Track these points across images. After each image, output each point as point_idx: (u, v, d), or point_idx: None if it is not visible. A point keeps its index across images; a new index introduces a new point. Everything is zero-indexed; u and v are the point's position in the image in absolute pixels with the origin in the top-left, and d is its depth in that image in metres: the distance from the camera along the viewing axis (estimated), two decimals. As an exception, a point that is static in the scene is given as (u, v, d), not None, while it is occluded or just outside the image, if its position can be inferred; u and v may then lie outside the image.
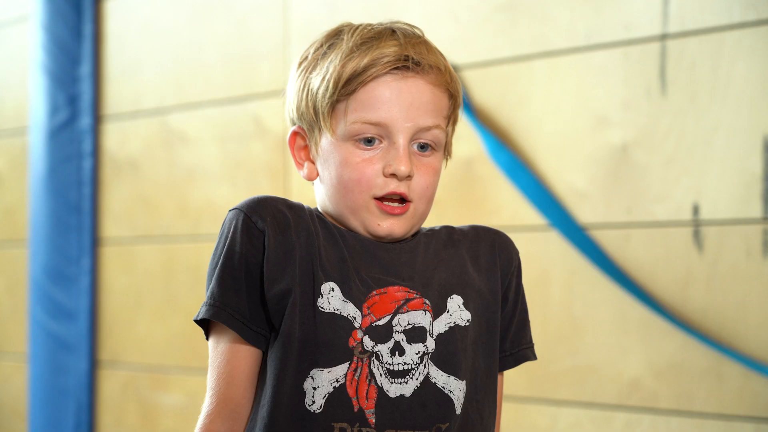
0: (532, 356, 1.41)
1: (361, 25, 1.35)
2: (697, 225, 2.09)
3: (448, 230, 1.38)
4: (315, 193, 1.37)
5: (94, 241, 3.16)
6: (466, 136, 2.38)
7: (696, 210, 2.09)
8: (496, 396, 1.36)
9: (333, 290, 1.27)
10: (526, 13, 2.31)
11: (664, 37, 2.13)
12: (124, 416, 3.10)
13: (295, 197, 2.69)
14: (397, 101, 1.29)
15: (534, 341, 1.43)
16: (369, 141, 1.29)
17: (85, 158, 3.16)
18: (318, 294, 1.27)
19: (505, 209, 2.33)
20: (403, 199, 1.30)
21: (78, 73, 3.17)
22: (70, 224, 3.15)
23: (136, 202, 3.09)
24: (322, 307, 1.26)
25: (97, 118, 3.17)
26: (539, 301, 2.28)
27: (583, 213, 2.23)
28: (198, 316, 1.30)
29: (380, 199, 1.30)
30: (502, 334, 1.38)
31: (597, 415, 2.20)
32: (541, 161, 2.29)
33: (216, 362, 1.29)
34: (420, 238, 1.35)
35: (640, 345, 2.14)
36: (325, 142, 1.31)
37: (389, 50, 1.29)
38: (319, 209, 1.36)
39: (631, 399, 2.16)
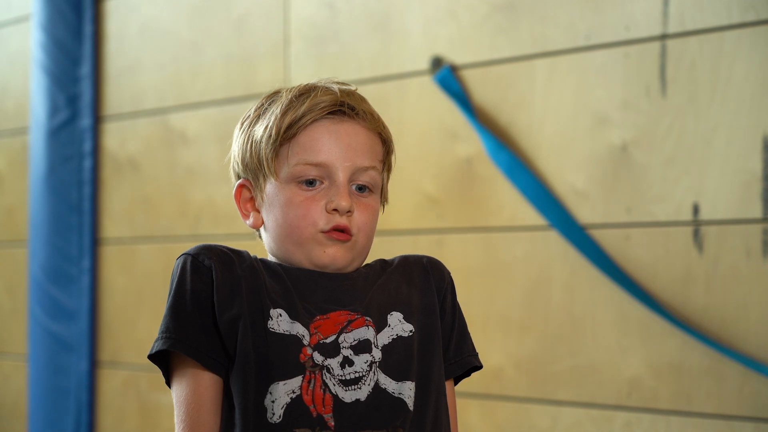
0: (476, 362, 1.48)
1: (298, 84, 1.44)
2: (697, 225, 2.09)
3: (381, 263, 1.46)
4: (263, 242, 1.45)
5: (94, 241, 3.16)
6: (466, 136, 2.38)
7: (696, 210, 2.09)
8: (446, 398, 1.42)
9: (281, 315, 1.35)
10: (526, 13, 2.31)
11: (664, 37, 2.13)
12: (124, 416, 3.10)
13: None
14: (336, 143, 1.38)
15: (534, 341, 1.44)
16: (311, 182, 1.38)
17: (85, 158, 3.16)
18: (267, 317, 1.34)
19: (505, 209, 2.33)
20: (343, 231, 1.39)
21: (78, 73, 3.17)
22: (70, 224, 3.15)
23: (136, 202, 3.09)
24: (273, 328, 1.34)
25: (97, 118, 3.17)
26: (539, 301, 2.28)
27: (583, 213, 2.23)
28: (153, 349, 1.37)
29: (325, 233, 1.38)
30: (445, 344, 1.44)
31: (597, 415, 2.20)
32: (541, 161, 2.29)
33: (182, 395, 1.36)
34: (359, 271, 1.43)
35: (640, 345, 2.14)
36: (270, 187, 1.40)
37: (325, 98, 1.39)
38: (269, 256, 1.44)
39: (631, 399, 2.16)
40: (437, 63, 2.43)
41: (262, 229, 1.44)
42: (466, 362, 1.47)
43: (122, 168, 3.12)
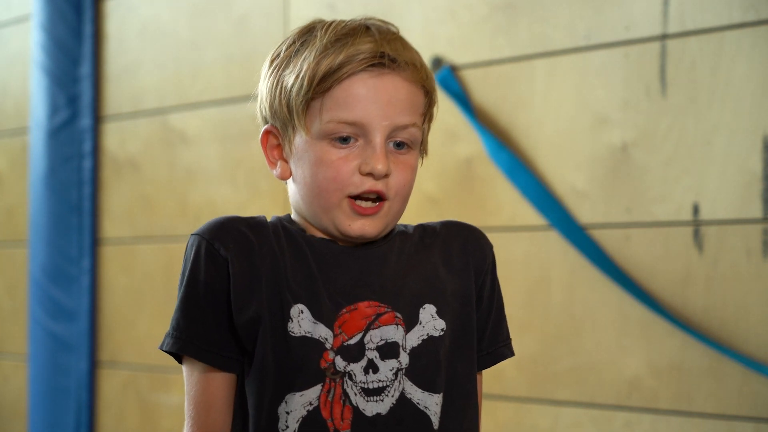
0: (509, 353, 1.39)
1: (334, 21, 1.32)
2: (697, 225, 2.09)
3: (420, 232, 1.36)
4: (288, 192, 1.35)
5: (94, 241, 3.16)
6: (466, 136, 2.38)
7: (696, 210, 2.09)
8: (476, 398, 1.34)
9: (302, 312, 1.25)
10: (526, 13, 2.31)
11: (664, 37, 2.13)
12: (124, 416, 3.10)
13: (295, 197, 2.69)
14: (373, 99, 1.26)
15: (534, 341, 1.40)
16: (344, 140, 1.26)
17: (85, 158, 3.16)
18: (287, 318, 1.25)
19: (505, 209, 2.33)
20: (378, 198, 1.28)
21: (78, 73, 3.17)
22: (70, 224, 3.15)
23: (136, 202, 3.09)
24: (293, 332, 1.24)
25: (97, 118, 3.17)
26: (539, 301, 2.28)
27: (583, 213, 2.23)
28: (163, 346, 1.29)
29: (355, 198, 1.27)
30: (478, 334, 1.35)
31: (597, 415, 2.20)
32: (541, 161, 2.29)
33: (192, 392, 1.28)
34: (393, 240, 1.33)
35: (640, 345, 2.14)
36: (300, 140, 1.28)
37: (364, 47, 1.27)
38: (292, 209, 1.34)
39: (631, 399, 2.16)
40: (437, 63, 2.43)
41: (290, 181, 1.33)
42: (499, 354, 1.38)
43: (122, 168, 3.12)
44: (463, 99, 2.38)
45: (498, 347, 1.38)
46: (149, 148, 3.06)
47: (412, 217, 2.47)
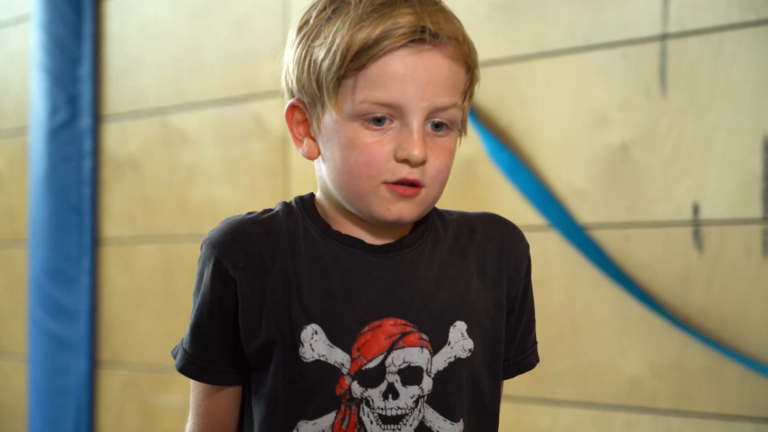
0: (535, 361, 1.32)
1: None
2: (697, 225, 2.08)
3: (456, 229, 1.25)
4: (316, 172, 1.25)
5: (94, 241, 3.16)
6: (466, 136, 2.38)
7: (696, 210, 2.09)
8: (497, 418, 1.26)
9: (316, 333, 1.16)
10: (526, 13, 2.31)
11: (664, 37, 2.12)
12: (124, 416, 3.10)
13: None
14: (411, 79, 1.14)
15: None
16: (379, 120, 1.15)
17: (85, 158, 3.16)
18: (298, 342, 1.15)
19: (505, 209, 2.33)
20: (413, 184, 1.17)
21: (78, 73, 3.17)
22: (70, 224, 3.15)
23: (136, 202, 3.08)
24: (305, 357, 1.15)
25: (97, 118, 3.17)
26: (539, 301, 2.27)
27: (583, 213, 2.23)
28: (174, 351, 1.25)
29: (389, 184, 1.17)
30: (506, 345, 1.27)
31: (597, 415, 2.20)
32: (541, 161, 2.28)
33: (196, 393, 1.25)
34: (425, 242, 1.22)
35: (640, 345, 2.14)
36: (329, 119, 1.17)
37: (404, 20, 1.13)
38: (319, 189, 1.24)
39: (631, 399, 2.16)
40: (437, 63, 2.42)
41: (319, 160, 1.21)
42: (526, 364, 1.30)
43: (122, 168, 3.12)
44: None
45: (525, 356, 1.31)
46: (149, 148, 3.06)
47: (412, 217, 2.47)
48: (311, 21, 1.18)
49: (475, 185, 2.38)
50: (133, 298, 3.08)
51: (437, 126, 1.18)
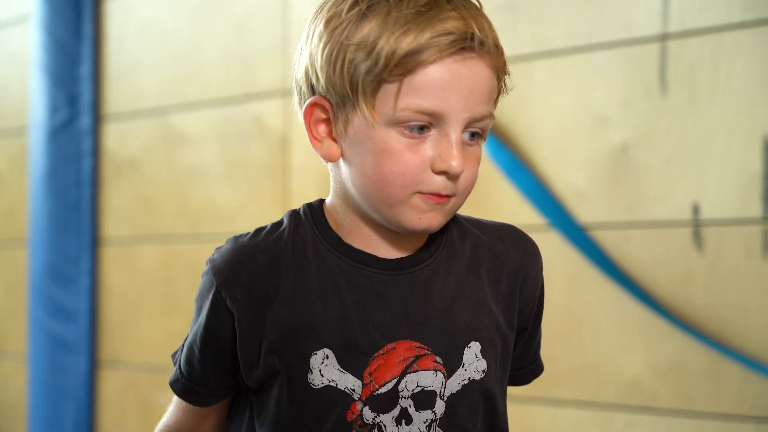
0: (541, 369, 1.31)
1: None
2: (697, 225, 2.08)
3: (473, 242, 1.22)
4: (331, 174, 1.19)
5: (94, 241, 3.16)
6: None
7: (696, 210, 2.09)
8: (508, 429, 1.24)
9: (327, 358, 1.12)
10: (526, 13, 2.31)
11: (664, 37, 2.12)
12: (124, 416, 3.10)
13: (295, 198, 2.69)
14: (457, 88, 1.09)
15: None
16: (420, 129, 1.10)
17: (85, 158, 3.16)
18: (307, 369, 1.12)
19: (505, 209, 2.33)
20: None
21: (78, 73, 3.17)
22: (70, 224, 3.15)
23: (136, 202, 3.08)
24: (314, 384, 1.12)
25: (97, 118, 3.17)
26: (539, 301, 2.28)
27: (583, 213, 2.23)
28: (174, 357, 1.26)
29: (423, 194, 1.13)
30: (522, 356, 1.26)
31: (597, 415, 2.20)
32: (541, 161, 2.28)
33: (177, 410, 1.28)
34: (440, 256, 1.19)
35: (640, 345, 2.14)
36: (360, 123, 1.11)
37: (451, 25, 1.09)
38: (333, 194, 1.18)
39: (631, 399, 2.16)
40: (437, 63, 2.42)
41: (340, 162, 1.15)
42: (538, 368, 1.29)
43: (122, 168, 3.12)
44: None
45: (537, 363, 1.30)
46: (149, 148, 3.06)
47: (412, 217, 2.47)
48: (343, 15, 1.11)
49: (476, 185, 2.37)
50: (133, 298, 3.08)
51: (472, 135, 1.14)
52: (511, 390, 2.05)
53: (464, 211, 2.45)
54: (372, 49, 1.08)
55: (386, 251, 1.17)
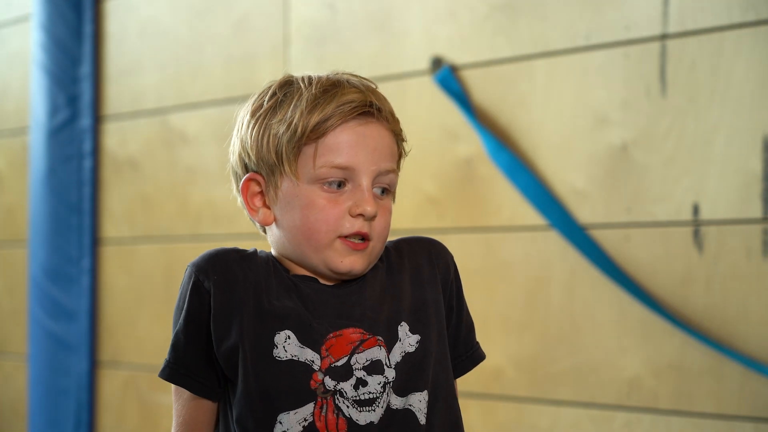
0: (482, 354, 1.47)
1: (312, 75, 1.39)
2: (697, 225, 2.09)
3: (386, 256, 1.42)
4: (269, 239, 1.40)
5: (94, 241, 3.16)
6: (466, 136, 2.38)
7: (696, 210, 2.09)
8: (457, 402, 1.40)
9: (289, 338, 1.32)
10: (526, 13, 2.31)
11: (664, 37, 2.13)
12: (124, 416, 3.10)
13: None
14: (362, 146, 1.34)
15: (534, 341, 1.43)
16: (338, 184, 1.34)
17: (85, 158, 3.16)
18: (272, 345, 1.31)
19: (505, 209, 2.33)
20: (363, 238, 1.35)
21: (78, 73, 3.17)
22: (70, 224, 3.15)
23: (136, 202, 3.09)
24: (279, 356, 1.31)
25: (97, 118, 3.17)
26: (539, 301, 2.28)
27: (583, 213, 2.23)
28: (161, 369, 1.40)
29: (344, 237, 1.35)
30: (452, 341, 1.43)
31: (597, 415, 2.20)
32: (541, 161, 2.29)
33: (178, 410, 1.39)
34: (367, 276, 1.39)
35: (640, 345, 2.14)
36: (288, 185, 1.35)
37: (353, 97, 1.34)
38: (274, 253, 1.40)
39: (631, 399, 2.16)
40: (437, 63, 2.43)
41: (272, 227, 1.39)
42: (477, 357, 1.46)
43: (122, 168, 3.12)
44: (463, 99, 2.38)
45: (474, 350, 1.46)
46: (149, 148, 3.06)
47: (412, 217, 2.47)
48: (265, 104, 1.37)
49: (475, 185, 2.38)
50: (133, 298, 3.08)
51: (382, 191, 1.37)
52: (511, 390, 2.04)
53: (466, 210, 2.46)
54: (290, 122, 1.33)
55: (325, 281, 1.39)
